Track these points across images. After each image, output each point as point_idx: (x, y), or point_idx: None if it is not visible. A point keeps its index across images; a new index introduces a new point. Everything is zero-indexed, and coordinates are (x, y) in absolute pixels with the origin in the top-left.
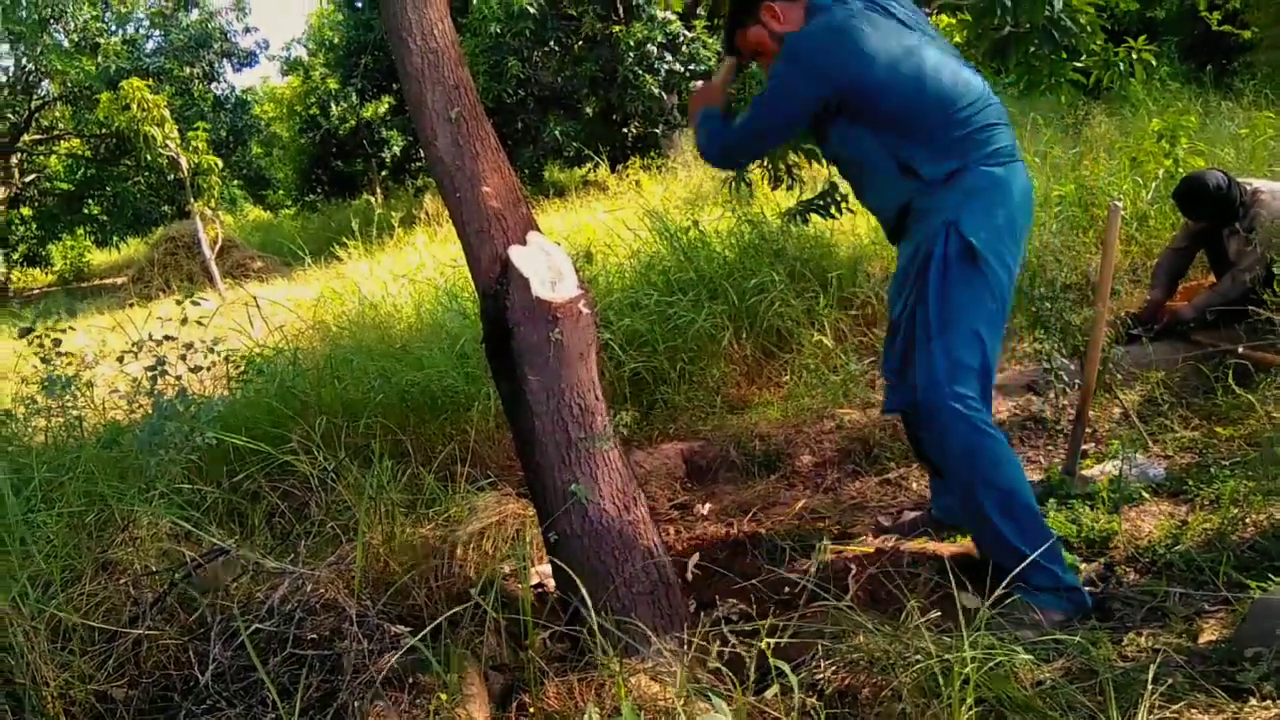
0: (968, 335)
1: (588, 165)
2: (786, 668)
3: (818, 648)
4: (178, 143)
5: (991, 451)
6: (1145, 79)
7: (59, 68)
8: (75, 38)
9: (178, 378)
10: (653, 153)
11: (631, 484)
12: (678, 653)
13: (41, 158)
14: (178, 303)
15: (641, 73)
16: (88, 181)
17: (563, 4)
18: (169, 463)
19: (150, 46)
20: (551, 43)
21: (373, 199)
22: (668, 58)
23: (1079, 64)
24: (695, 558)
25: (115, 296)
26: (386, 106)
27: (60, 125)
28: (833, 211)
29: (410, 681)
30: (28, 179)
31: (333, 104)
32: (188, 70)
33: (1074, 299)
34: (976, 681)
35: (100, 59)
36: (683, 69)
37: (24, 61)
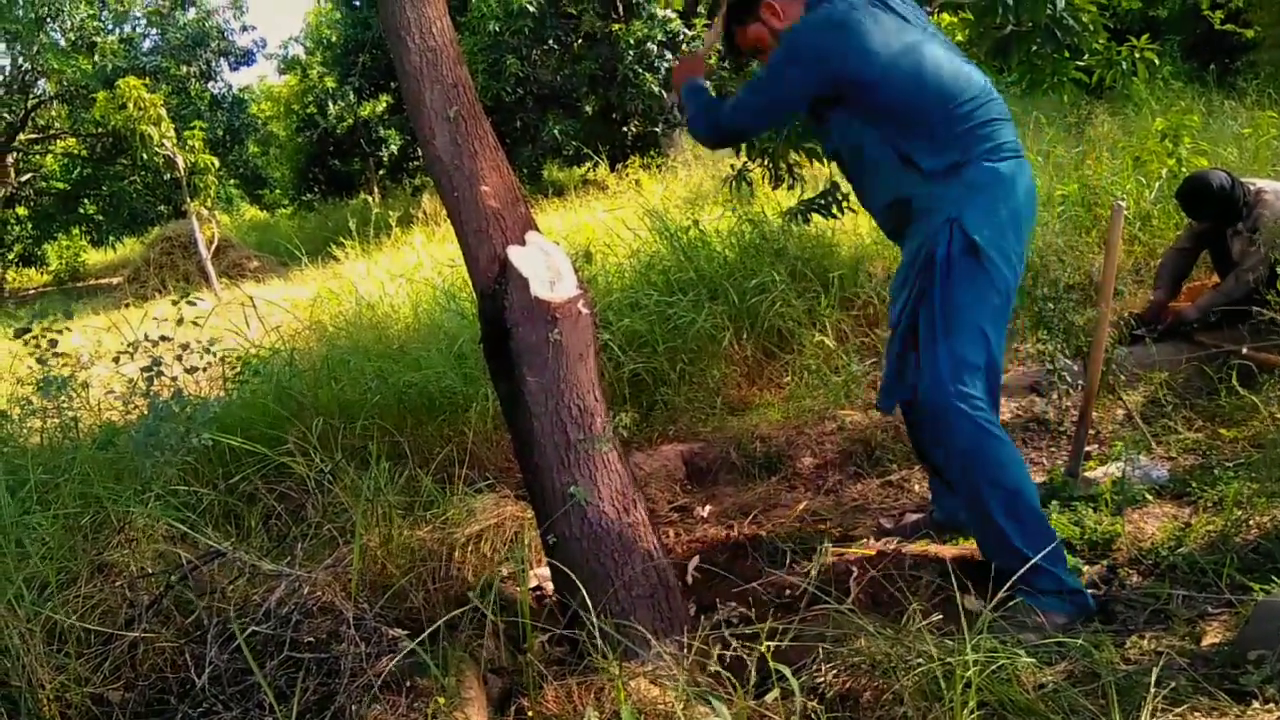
0: (973, 333)
1: (587, 164)
2: (787, 671)
3: (819, 651)
4: (174, 142)
5: (996, 452)
6: (1148, 78)
7: (55, 66)
8: (72, 36)
9: (173, 379)
10: (652, 152)
11: (631, 486)
12: (678, 656)
13: (37, 157)
14: (174, 303)
15: (641, 71)
16: (84, 181)
17: (562, 2)
18: (165, 464)
19: (147, 45)
20: (550, 41)
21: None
22: (668, 56)
23: (1081, 63)
24: (695, 560)
25: (111, 296)
26: (384, 105)
27: (56, 124)
28: (834, 211)
29: (408, 685)
30: (23, 178)
31: (330, 103)
32: (184, 69)
33: (1077, 299)
34: (978, 685)
35: (97, 58)
36: None
37: (20, 60)
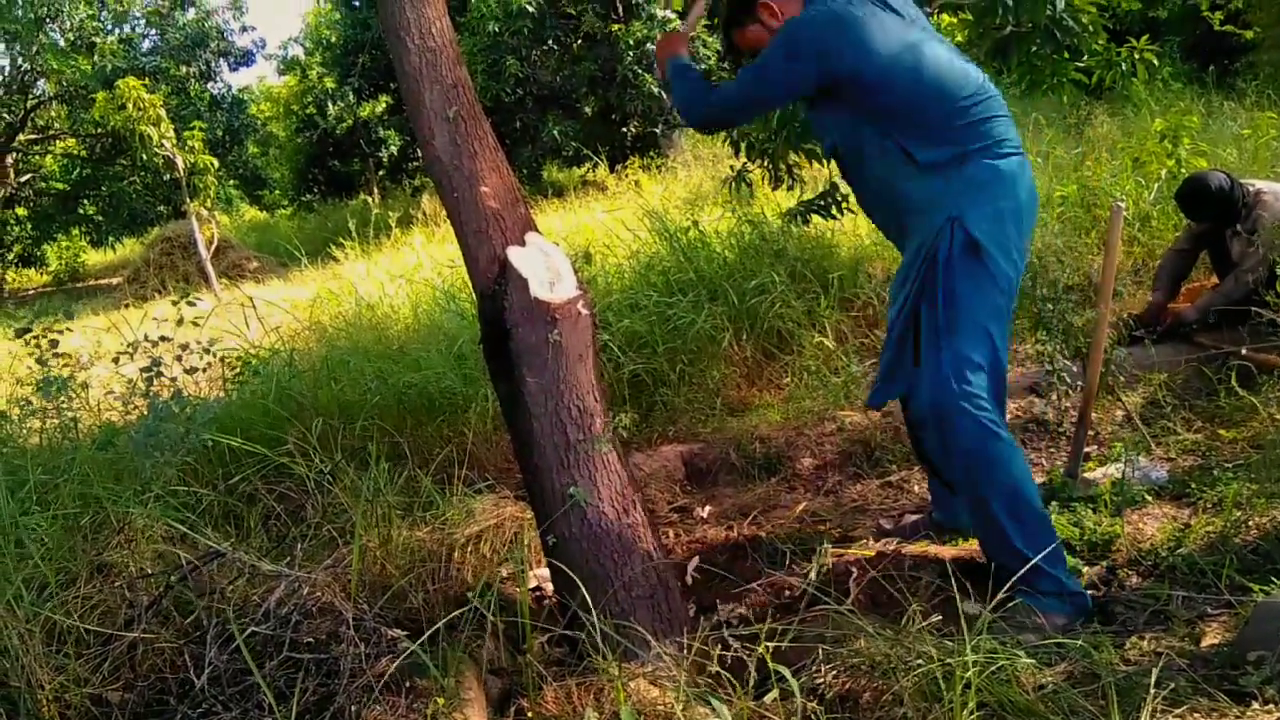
0: (976, 333)
1: (586, 165)
2: (787, 672)
3: (818, 652)
4: (174, 142)
5: (1000, 452)
6: (1147, 79)
7: (55, 67)
8: (71, 37)
9: (173, 379)
10: (652, 152)
11: (630, 487)
12: (677, 657)
13: (37, 157)
14: (173, 303)
15: (641, 72)
16: (83, 181)
17: (561, 3)
18: (164, 465)
19: (146, 46)
20: (550, 41)
21: (370, 199)
22: None
23: (1081, 64)
24: (695, 561)
25: (110, 297)
26: (384, 106)
27: (56, 125)
28: (834, 212)
29: (407, 686)
30: (23, 179)
31: (329, 103)
32: (184, 69)
33: (1076, 300)
34: (978, 686)
35: (96, 58)
36: None
37: (19, 61)
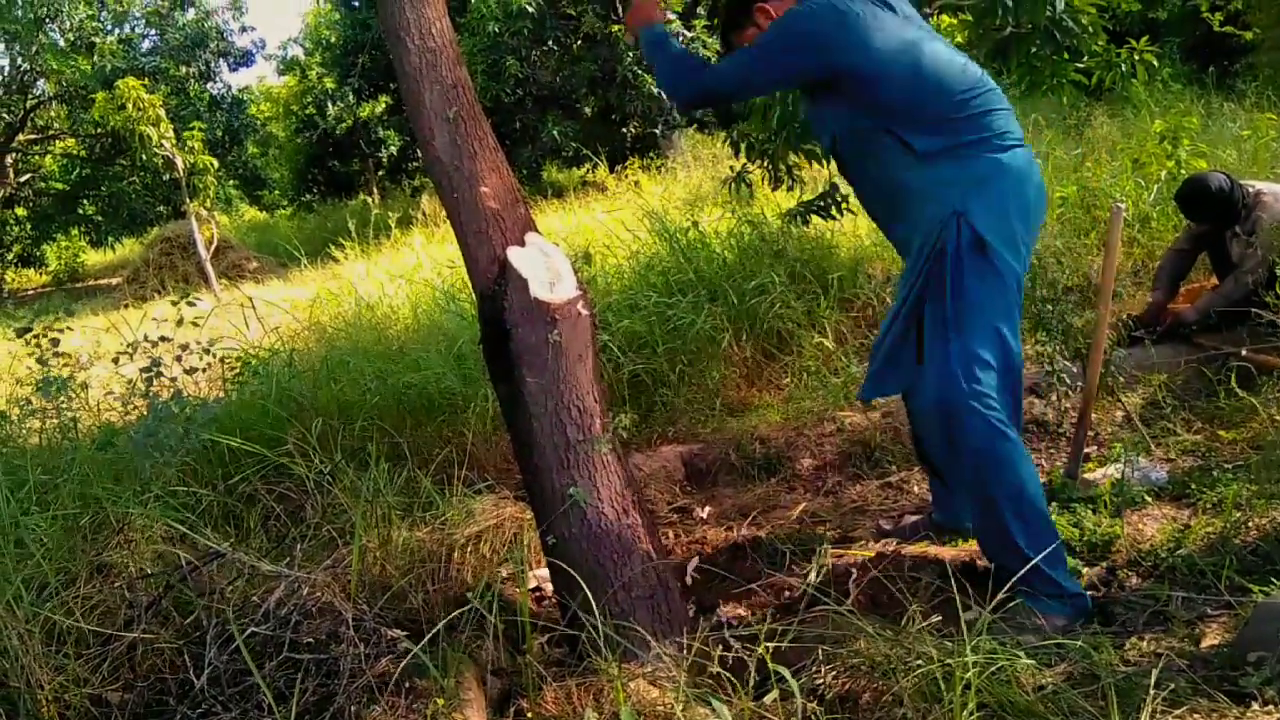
0: (985, 331)
1: (586, 165)
2: (787, 673)
3: (818, 652)
4: (173, 142)
5: (1008, 452)
6: (1147, 80)
7: (54, 67)
8: (71, 37)
9: (173, 379)
10: (652, 153)
11: (630, 487)
12: (677, 657)
13: (36, 157)
14: (173, 303)
15: (641, 72)
16: (83, 181)
17: (561, 3)
18: (164, 465)
19: (146, 46)
20: (550, 42)
21: (369, 199)
22: None
23: (1081, 65)
24: (695, 561)
25: (110, 297)
26: (384, 106)
27: (55, 125)
28: (833, 212)
29: (407, 686)
30: (22, 179)
31: (329, 104)
32: (184, 70)
33: (1076, 301)
34: (978, 686)
35: (96, 58)
36: None
37: (19, 61)
